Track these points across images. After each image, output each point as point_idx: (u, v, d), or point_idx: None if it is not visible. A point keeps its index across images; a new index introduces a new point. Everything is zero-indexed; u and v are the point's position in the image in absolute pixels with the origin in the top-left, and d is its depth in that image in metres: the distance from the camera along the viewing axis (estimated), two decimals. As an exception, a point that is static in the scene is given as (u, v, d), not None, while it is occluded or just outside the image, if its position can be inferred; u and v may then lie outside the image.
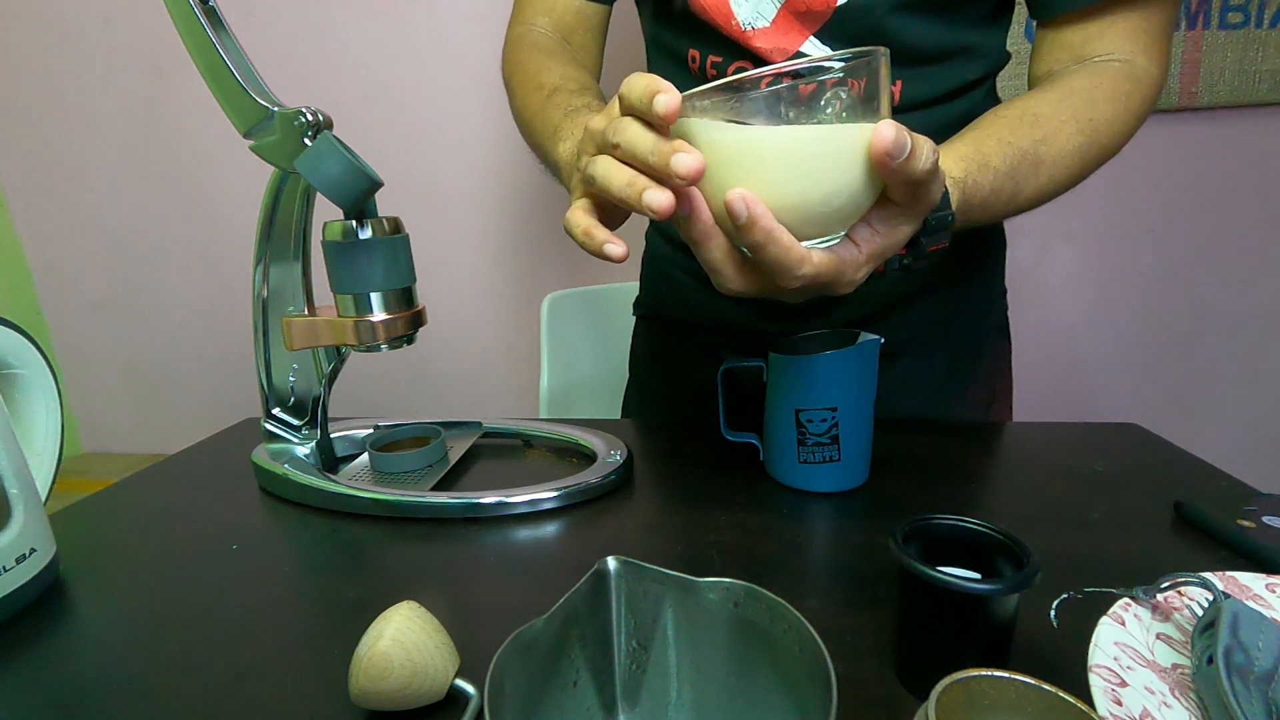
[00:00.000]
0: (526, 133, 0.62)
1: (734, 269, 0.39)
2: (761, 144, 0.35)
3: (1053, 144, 0.51)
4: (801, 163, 0.35)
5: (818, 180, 0.36)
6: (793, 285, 0.38)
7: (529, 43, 0.68)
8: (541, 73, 0.62)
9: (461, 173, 1.35)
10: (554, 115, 0.55)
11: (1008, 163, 0.49)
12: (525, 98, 0.62)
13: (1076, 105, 0.53)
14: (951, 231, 0.46)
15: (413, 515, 0.53)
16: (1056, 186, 0.53)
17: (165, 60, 1.35)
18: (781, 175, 0.35)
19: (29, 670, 0.38)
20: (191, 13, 0.49)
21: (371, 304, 0.52)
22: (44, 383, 0.56)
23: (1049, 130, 0.51)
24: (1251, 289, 1.27)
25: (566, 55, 0.67)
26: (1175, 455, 0.59)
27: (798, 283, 0.37)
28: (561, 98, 0.57)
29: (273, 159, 0.51)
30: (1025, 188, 0.51)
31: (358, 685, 0.32)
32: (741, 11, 0.59)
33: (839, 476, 0.53)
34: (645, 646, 0.31)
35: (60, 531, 0.47)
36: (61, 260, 1.52)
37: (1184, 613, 0.33)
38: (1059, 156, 0.52)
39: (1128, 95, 0.54)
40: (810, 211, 0.36)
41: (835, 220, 0.38)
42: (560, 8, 0.70)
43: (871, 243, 0.39)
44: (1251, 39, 1.14)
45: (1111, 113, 0.53)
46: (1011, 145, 0.50)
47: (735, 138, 0.35)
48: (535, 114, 0.59)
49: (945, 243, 0.46)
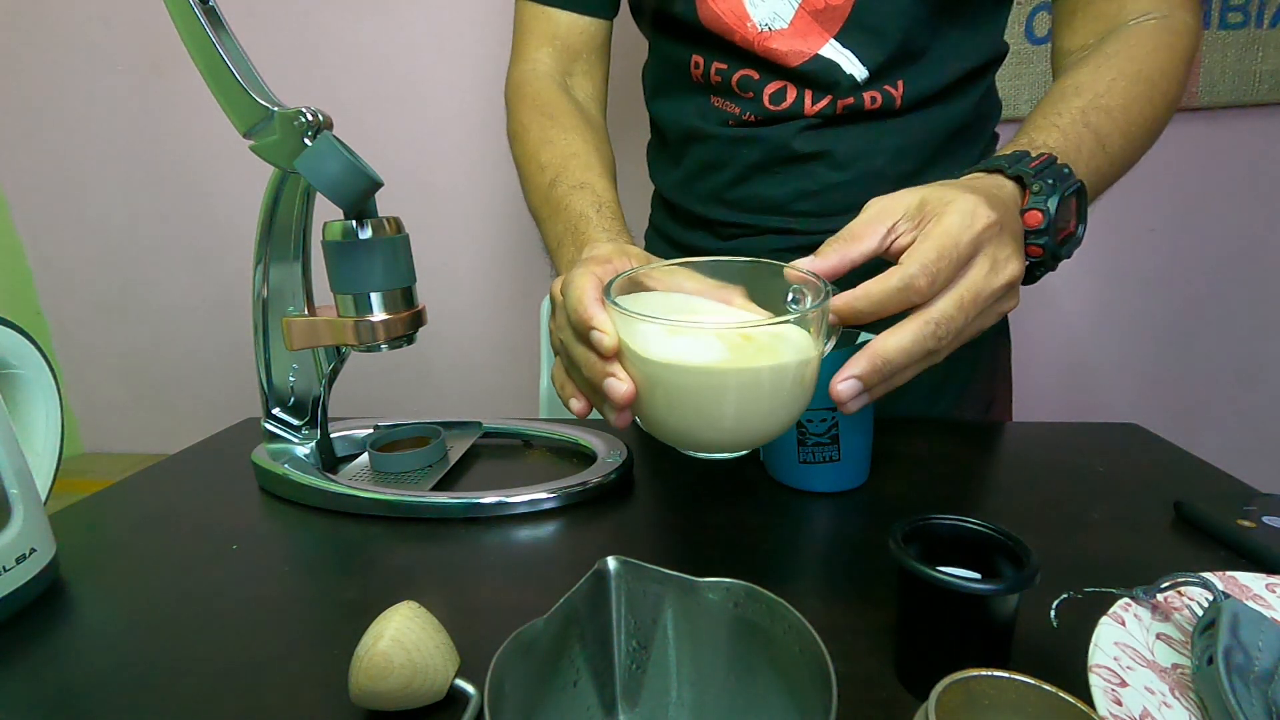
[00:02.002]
0: (532, 214, 0.62)
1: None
2: (696, 377, 0.34)
3: (1112, 96, 0.48)
4: (737, 399, 0.35)
5: (753, 412, 0.35)
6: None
7: (531, 98, 0.66)
8: (542, 150, 0.61)
9: (462, 173, 1.35)
10: (556, 226, 0.55)
11: (1070, 119, 0.46)
12: (529, 177, 0.62)
13: (1120, 64, 0.50)
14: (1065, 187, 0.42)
15: (413, 515, 0.53)
16: (1140, 133, 0.49)
17: (165, 60, 1.35)
18: (715, 408, 0.35)
19: (29, 670, 0.38)
20: (191, 13, 0.49)
21: (371, 304, 0.52)
22: (44, 383, 0.56)
23: (1099, 89, 0.49)
24: (1251, 289, 1.27)
25: (567, 111, 0.65)
26: (1175, 455, 0.59)
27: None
28: (561, 192, 0.56)
29: (273, 159, 0.51)
30: (1108, 138, 0.47)
31: (358, 685, 0.32)
32: (758, 13, 0.58)
33: (839, 476, 0.53)
34: (645, 646, 0.31)
35: (60, 531, 0.47)
36: (61, 260, 1.52)
37: (1184, 613, 0.33)
38: (1124, 105, 0.48)
39: (1170, 46, 0.52)
40: (740, 436, 0.37)
41: (763, 438, 0.38)
42: (564, 32, 0.69)
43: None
44: (1251, 39, 1.14)
45: (1158, 63, 0.51)
46: (1068, 109, 0.47)
47: (666, 370, 0.34)
48: (538, 208, 0.59)
49: (1071, 223, 0.43)
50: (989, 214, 0.36)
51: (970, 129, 0.65)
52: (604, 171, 0.59)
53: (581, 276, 0.38)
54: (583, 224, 0.52)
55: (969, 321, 0.35)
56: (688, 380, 0.34)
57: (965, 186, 0.38)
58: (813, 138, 0.61)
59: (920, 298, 0.35)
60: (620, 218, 0.53)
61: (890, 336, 0.35)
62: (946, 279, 0.35)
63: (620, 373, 0.35)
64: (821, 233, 0.64)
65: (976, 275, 0.35)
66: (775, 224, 0.65)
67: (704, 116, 0.65)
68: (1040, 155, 0.43)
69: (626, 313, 0.34)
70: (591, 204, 0.54)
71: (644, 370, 0.35)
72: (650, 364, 0.34)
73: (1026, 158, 0.43)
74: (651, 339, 0.35)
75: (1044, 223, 0.40)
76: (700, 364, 0.34)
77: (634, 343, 0.35)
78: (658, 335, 0.35)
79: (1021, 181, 0.42)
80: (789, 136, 0.61)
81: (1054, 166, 0.42)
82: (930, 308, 0.35)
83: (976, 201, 0.36)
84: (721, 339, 0.34)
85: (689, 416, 0.35)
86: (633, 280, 0.39)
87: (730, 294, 0.39)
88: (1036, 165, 0.42)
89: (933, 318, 0.34)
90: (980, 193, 0.37)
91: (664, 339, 0.34)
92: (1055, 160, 0.43)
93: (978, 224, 0.35)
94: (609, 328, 0.35)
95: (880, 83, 0.59)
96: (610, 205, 0.54)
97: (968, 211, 0.36)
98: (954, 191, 0.37)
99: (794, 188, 0.63)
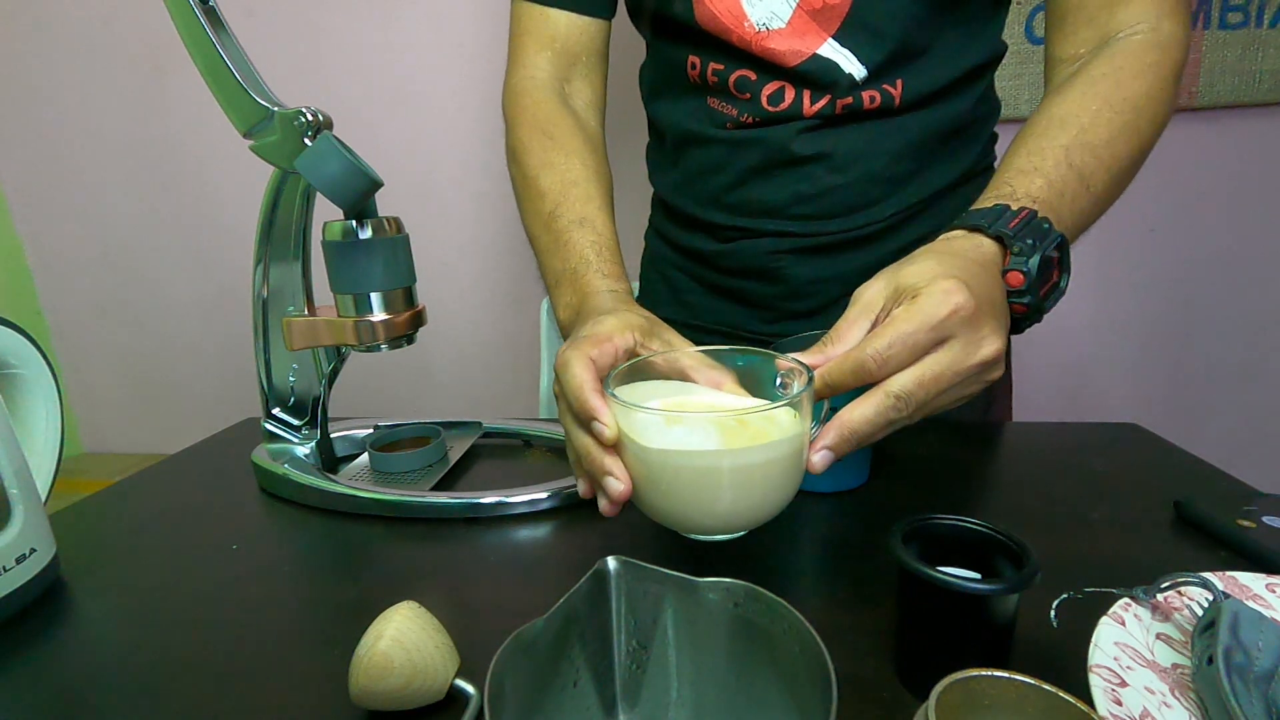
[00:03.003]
0: (529, 237, 0.62)
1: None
2: (694, 463, 0.36)
3: (1096, 130, 0.49)
4: (733, 483, 0.36)
5: (748, 495, 0.37)
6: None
7: (529, 112, 0.66)
8: (542, 175, 0.62)
9: (462, 173, 1.35)
10: (555, 262, 0.57)
11: (1054, 160, 0.47)
12: (528, 201, 0.62)
13: (1104, 90, 0.51)
14: (1047, 244, 0.42)
15: (413, 515, 0.53)
16: (1125, 168, 0.50)
17: (165, 60, 1.35)
18: (711, 493, 0.37)
19: (29, 670, 0.38)
20: (191, 13, 0.49)
21: (371, 304, 0.52)
22: (44, 383, 0.56)
23: (1084, 123, 0.49)
24: (1251, 289, 1.27)
25: (566, 130, 0.65)
26: (1175, 455, 0.59)
27: None
28: (562, 226, 0.57)
29: (273, 159, 0.51)
30: (1093, 177, 0.48)
31: (358, 685, 0.32)
32: (755, 13, 0.58)
33: (839, 476, 0.53)
34: (645, 646, 0.31)
35: (60, 531, 0.47)
36: (61, 260, 1.52)
37: (1184, 613, 0.33)
38: (1109, 139, 0.49)
39: (1157, 65, 0.52)
40: (735, 519, 0.38)
41: (759, 519, 0.39)
42: (563, 34, 0.68)
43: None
44: (1251, 39, 1.14)
45: (1144, 87, 0.51)
46: (1051, 147, 0.48)
47: (664, 458, 0.36)
48: (537, 236, 0.61)
49: (1055, 275, 0.43)
50: (958, 301, 0.36)
51: (969, 129, 0.65)
52: (603, 203, 0.60)
53: (578, 363, 0.39)
54: (582, 267, 0.54)
55: (932, 396, 0.37)
56: (686, 466, 0.36)
57: (943, 260, 0.39)
58: (812, 139, 0.61)
59: (872, 379, 0.37)
60: (618, 260, 0.56)
61: (855, 409, 0.37)
62: (900, 364, 0.36)
63: (618, 470, 0.37)
64: (819, 235, 0.65)
65: (942, 356, 0.37)
66: (773, 227, 0.65)
67: (702, 119, 0.65)
68: (1021, 211, 0.43)
69: (625, 404, 0.37)
70: (591, 245, 0.56)
71: (644, 459, 0.37)
72: (650, 452, 0.36)
73: (1007, 214, 0.43)
74: (650, 429, 0.37)
75: (1025, 284, 0.41)
76: (697, 450, 0.36)
77: (633, 432, 0.37)
78: (656, 425, 0.37)
79: (1002, 241, 0.42)
80: (788, 138, 0.61)
81: (1034, 223, 0.43)
82: (889, 382, 0.37)
83: (950, 289, 0.37)
84: (717, 426, 0.36)
85: (688, 501, 0.37)
86: (632, 368, 0.41)
87: (722, 377, 0.42)
88: (1016, 225, 0.42)
89: (892, 391, 0.36)
90: (957, 272, 0.38)
91: (662, 429, 0.36)
92: (1035, 216, 0.43)
93: (943, 312, 0.36)
94: (610, 420, 0.37)
95: (879, 81, 0.59)
96: (609, 246, 0.56)
97: (936, 300, 0.36)
98: (930, 271, 0.38)
99: (792, 191, 0.63)
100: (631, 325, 0.44)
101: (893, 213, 0.63)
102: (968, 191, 0.67)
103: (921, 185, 0.64)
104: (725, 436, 0.36)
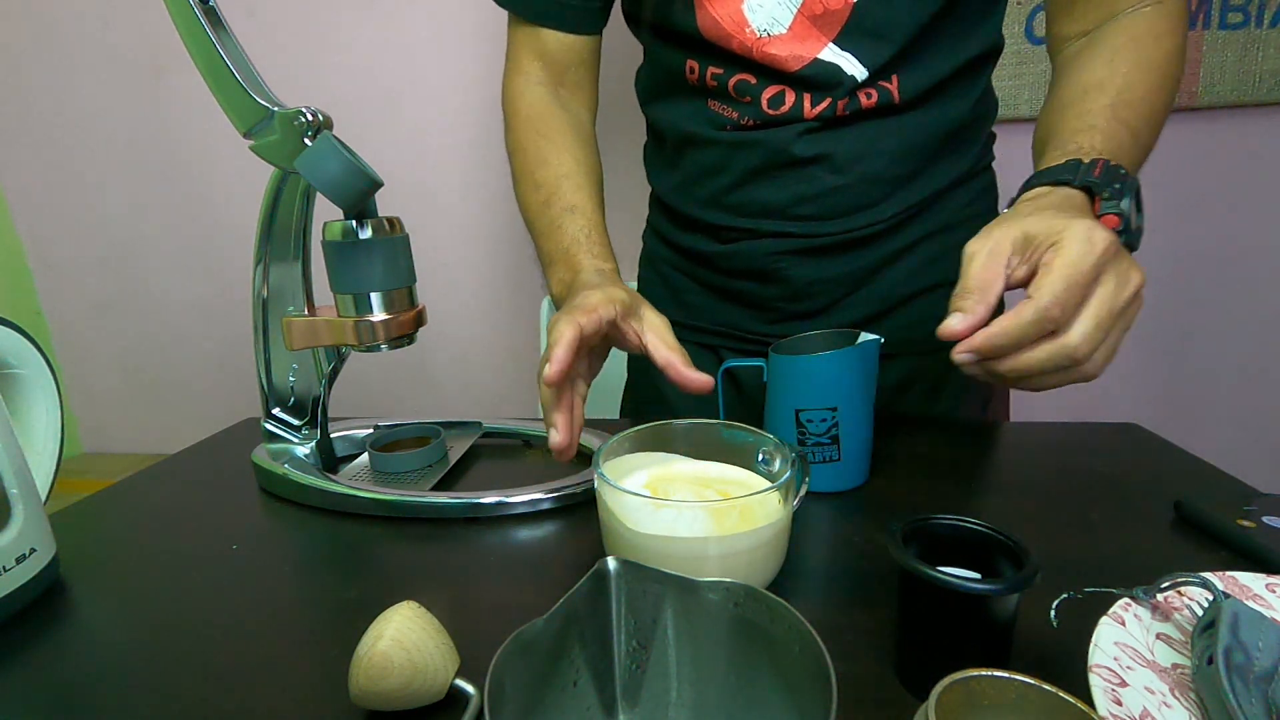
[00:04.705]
0: (526, 224, 0.67)
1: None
2: (681, 548, 0.37)
3: (1133, 89, 0.51)
4: (719, 568, 0.37)
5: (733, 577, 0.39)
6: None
7: (525, 113, 0.69)
8: (537, 169, 0.66)
9: (462, 173, 1.35)
10: (549, 245, 0.62)
11: (1105, 119, 0.49)
12: (525, 193, 0.67)
13: (1130, 55, 0.53)
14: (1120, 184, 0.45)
15: (413, 515, 0.53)
16: (1160, 120, 0.53)
17: (165, 60, 1.35)
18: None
19: (29, 670, 0.38)
20: (191, 13, 0.49)
21: (371, 304, 0.52)
22: (44, 383, 0.56)
23: (1119, 84, 0.52)
24: (1251, 289, 1.27)
25: (560, 128, 0.68)
26: (1175, 455, 0.59)
27: None
28: (555, 213, 0.62)
29: (273, 159, 0.51)
30: (1139, 131, 0.50)
31: (358, 685, 0.32)
32: (756, 19, 0.58)
33: (839, 476, 0.53)
34: (645, 646, 0.31)
35: (60, 531, 0.47)
36: (61, 260, 1.52)
37: (1184, 613, 0.33)
38: (1145, 95, 0.52)
39: (1171, 32, 0.55)
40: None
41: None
42: (552, 49, 0.70)
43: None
44: (1251, 39, 1.14)
45: (1164, 51, 0.54)
46: (1097, 108, 0.50)
47: (652, 542, 0.38)
48: (532, 222, 0.66)
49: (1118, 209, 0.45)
50: (1105, 236, 0.39)
51: (968, 129, 0.65)
52: (593, 192, 0.65)
53: (565, 323, 0.44)
54: (574, 248, 0.59)
55: (1108, 335, 0.39)
56: (673, 555, 0.37)
57: (1060, 209, 0.42)
58: (812, 141, 0.61)
59: (1054, 325, 0.38)
60: (606, 242, 0.61)
61: (1026, 356, 0.39)
62: (1076, 304, 0.38)
63: (561, 424, 0.44)
64: (820, 236, 0.65)
65: (1104, 293, 0.38)
66: (774, 228, 0.65)
67: (701, 121, 0.65)
68: (1096, 162, 0.45)
69: (615, 488, 0.38)
70: (582, 229, 0.61)
71: (633, 542, 0.38)
72: (638, 536, 0.38)
73: (1084, 165, 0.45)
74: (639, 513, 0.38)
75: (1121, 224, 0.43)
76: (684, 538, 0.37)
77: (622, 514, 0.39)
78: (645, 510, 0.38)
79: (1089, 190, 0.45)
80: (789, 140, 0.61)
81: (1112, 169, 0.45)
82: (1069, 334, 0.38)
83: (1089, 226, 0.39)
84: (704, 510, 0.38)
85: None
86: (622, 440, 0.44)
87: (677, 359, 0.47)
88: (1100, 173, 0.45)
89: (1071, 342, 0.38)
90: (1082, 216, 0.40)
91: (650, 513, 0.38)
92: (1110, 163, 0.45)
93: (1097, 249, 0.38)
94: (561, 364, 0.42)
95: (877, 79, 0.59)
96: (598, 229, 0.62)
97: (1084, 239, 0.38)
98: (1058, 219, 0.40)
99: (793, 192, 0.63)
100: (614, 299, 0.48)
101: (893, 213, 0.63)
102: (967, 191, 0.67)
103: (922, 185, 0.64)
104: (713, 519, 0.37)
